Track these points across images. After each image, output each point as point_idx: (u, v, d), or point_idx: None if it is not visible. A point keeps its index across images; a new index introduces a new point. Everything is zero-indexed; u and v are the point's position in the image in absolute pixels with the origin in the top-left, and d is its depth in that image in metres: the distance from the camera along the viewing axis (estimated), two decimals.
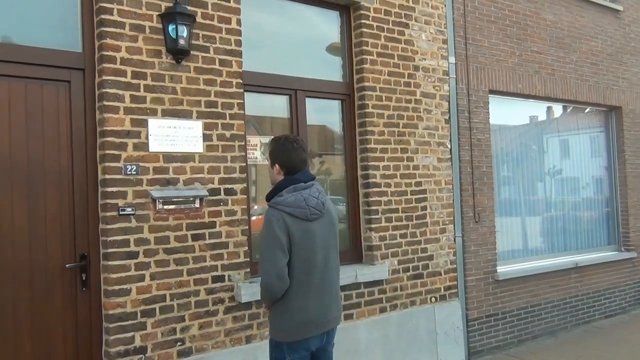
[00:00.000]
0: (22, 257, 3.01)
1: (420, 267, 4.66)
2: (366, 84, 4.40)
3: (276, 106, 4.15)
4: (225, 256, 3.55)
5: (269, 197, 2.49)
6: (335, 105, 4.49)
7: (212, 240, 3.50)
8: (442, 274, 4.80)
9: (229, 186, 3.60)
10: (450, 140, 4.93)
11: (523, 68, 5.59)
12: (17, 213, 3.01)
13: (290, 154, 2.49)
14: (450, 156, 4.91)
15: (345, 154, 4.47)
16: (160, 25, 3.39)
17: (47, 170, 3.13)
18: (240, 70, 3.70)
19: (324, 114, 4.40)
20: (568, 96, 5.98)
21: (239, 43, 3.70)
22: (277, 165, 2.51)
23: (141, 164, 3.27)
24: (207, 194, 3.47)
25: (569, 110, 6.38)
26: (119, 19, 3.26)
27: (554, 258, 5.90)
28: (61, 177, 3.17)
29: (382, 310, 4.32)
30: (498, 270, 5.24)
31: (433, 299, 4.69)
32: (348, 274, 4.02)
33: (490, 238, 5.20)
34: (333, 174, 4.43)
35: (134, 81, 3.28)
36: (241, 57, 3.71)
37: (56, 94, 3.19)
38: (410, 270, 4.55)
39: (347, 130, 4.46)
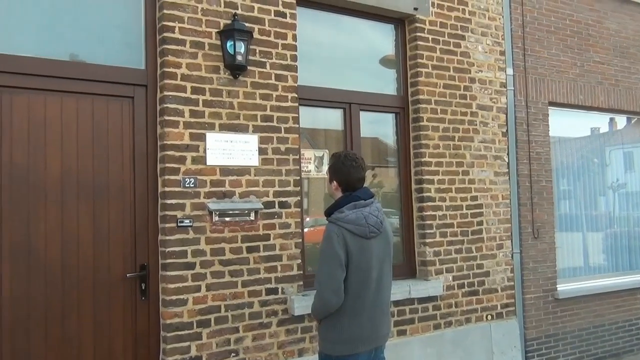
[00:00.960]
0: (86, 266, 3.02)
1: (476, 283, 4.43)
2: (421, 96, 4.26)
3: (330, 119, 4.06)
4: (279, 269, 3.48)
5: (328, 212, 2.44)
6: (389, 118, 4.36)
7: (266, 253, 3.43)
8: (499, 291, 4.55)
9: (284, 199, 3.53)
10: (508, 154, 4.68)
11: (585, 79, 5.28)
12: (82, 224, 3.04)
13: (349, 172, 2.44)
14: (507, 170, 4.66)
15: (398, 167, 4.33)
16: (218, 42, 3.37)
17: (111, 183, 3.14)
18: (296, 85, 3.64)
19: (377, 126, 4.30)
20: (634, 107, 5.60)
21: (294, 58, 3.64)
22: (335, 182, 2.48)
23: (199, 177, 3.24)
24: (262, 206, 3.41)
25: (633, 122, 5.99)
26: (180, 36, 3.26)
27: (619, 277, 5.49)
28: (124, 189, 3.17)
29: (436, 326, 4.14)
30: (558, 289, 4.94)
31: (489, 317, 4.46)
32: (401, 289, 3.89)
33: (549, 254, 4.90)
34: (385, 186, 4.32)
35: (194, 96, 3.27)
36: (296, 72, 3.65)
37: (120, 109, 3.20)
38: (466, 287, 4.34)
39: (401, 143, 4.33)
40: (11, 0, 2.89)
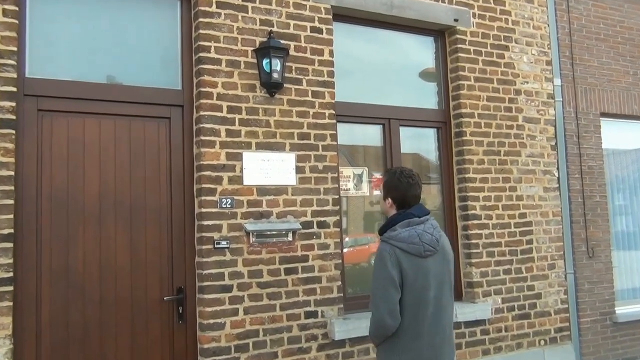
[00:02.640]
0: (124, 289, 2.96)
1: (527, 306, 4.12)
2: (463, 110, 4.06)
3: (369, 136, 3.94)
4: (318, 291, 3.35)
5: (381, 231, 2.31)
6: (430, 133, 4.18)
7: (305, 275, 3.31)
8: (552, 314, 4.23)
9: (322, 219, 3.42)
10: (558, 168, 4.40)
11: (639, 88, 4.90)
12: (120, 246, 2.98)
13: (405, 189, 2.31)
14: (558, 185, 4.37)
15: (441, 183, 4.12)
16: (254, 60, 3.31)
17: (148, 205, 3.09)
18: (333, 101, 3.54)
19: (418, 142, 4.13)
20: None
21: (331, 74, 3.54)
22: (389, 199, 2.34)
23: (236, 197, 3.17)
24: (300, 227, 3.31)
25: None
26: (216, 55, 3.21)
27: None
28: (160, 211, 3.11)
29: (485, 352, 3.88)
30: (617, 311, 4.57)
31: (542, 342, 4.15)
32: None
33: (606, 275, 4.53)
34: (428, 204, 4.08)
35: (230, 115, 3.22)
36: (334, 88, 3.54)
37: (157, 130, 3.16)
38: (516, 310, 4.05)
39: (443, 158, 4.13)
40: (51, 25, 2.90)
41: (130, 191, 3.03)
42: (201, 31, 3.16)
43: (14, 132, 2.65)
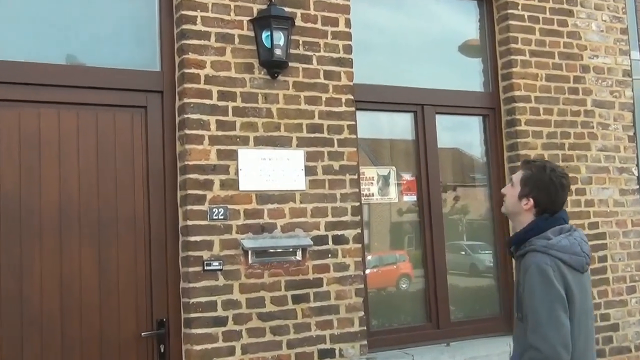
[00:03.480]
0: (91, 324, 2.88)
1: (601, 340, 3.95)
2: (517, 93, 3.95)
3: (397, 127, 3.92)
4: (335, 324, 3.28)
5: (520, 240, 2.16)
6: (474, 123, 4.11)
7: (319, 303, 3.25)
8: (633, 350, 4.08)
9: (339, 232, 3.36)
10: (638, 165, 4.27)
11: None
12: (86, 269, 2.91)
13: (557, 191, 2.16)
14: (638, 186, 4.24)
15: (489, 185, 4.03)
16: (251, 33, 3.22)
17: (121, 217, 3.01)
18: (351, 84, 3.47)
19: (458, 134, 4.10)
20: None
21: (348, 49, 3.46)
22: (531, 200, 2.17)
23: (230, 207, 3.09)
24: (312, 243, 3.25)
25: None
26: (204, 28, 3.11)
27: None
28: (136, 224, 3.03)
29: None
30: None
31: None
32: (499, 349, 3.60)
33: None
34: (471, 212, 4.10)
35: (221, 103, 3.14)
36: (352, 67, 3.46)
37: (130, 123, 3.07)
38: None
39: (491, 154, 4.03)
40: None
41: (98, 200, 2.96)
42: None
43: None
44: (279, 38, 3.15)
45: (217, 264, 3.03)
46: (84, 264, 2.91)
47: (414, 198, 3.85)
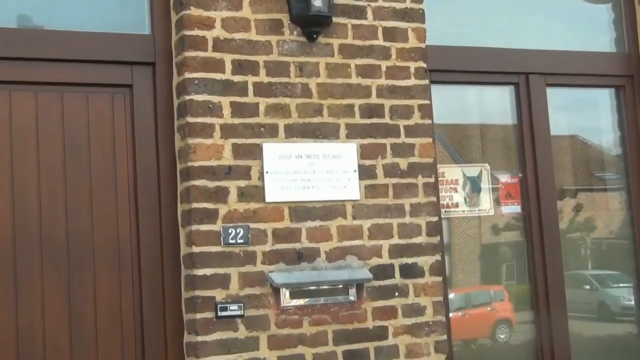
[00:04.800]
0: None
1: None
2: None
3: (490, 106, 3.94)
4: None
5: None
6: (602, 98, 4.09)
7: None
8: None
9: (410, 260, 3.28)
10: None
11: None
12: (52, 315, 2.85)
13: None
14: None
15: (627, 189, 3.96)
16: None
17: (98, 241, 2.97)
18: (423, 46, 3.39)
19: (580, 114, 4.11)
20: None
21: None
22: None
23: (253, 226, 3.02)
24: (370, 276, 3.15)
25: None
26: None
27: None
28: (120, 251, 3.00)
29: None
30: None
31: None
32: None
33: None
34: (599, 226, 4.09)
35: (238, 78, 3.06)
36: (423, 22, 3.41)
37: (110, 108, 3.04)
38: None
39: (630, 143, 3.94)
40: None
41: (67, 217, 2.91)
42: None
43: None
44: None
45: (235, 307, 2.96)
46: (47, 309, 2.85)
47: (516, 209, 3.78)
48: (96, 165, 3.03)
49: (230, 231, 3.01)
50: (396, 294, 3.25)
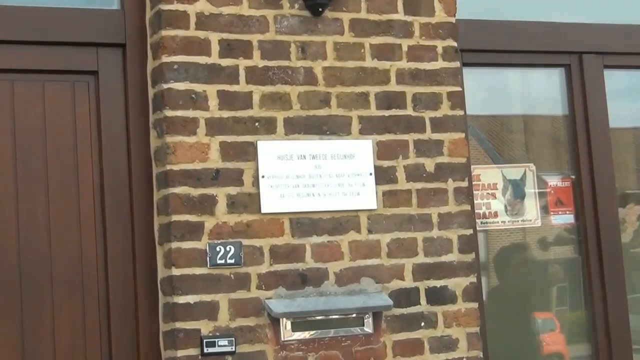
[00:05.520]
0: None
1: None
2: None
3: (535, 94, 3.99)
4: None
5: None
6: None
7: None
8: None
9: (438, 283, 3.27)
10: None
11: None
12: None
13: None
14: None
15: None
16: None
17: (56, 266, 2.96)
18: (453, 20, 3.39)
19: None
20: None
21: None
22: None
23: (245, 242, 3.00)
24: (390, 302, 3.14)
25: None
26: None
27: None
28: (84, 275, 2.98)
29: None
30: None
31: None
32: None
33: None
34: None
35: (227, 62, 3.05)
36: None
37: (70, 99, 3.03)
38: None
39: None
40: None
41: (18, 235, 2.90)
42: None
43: None
44: None
45: (225, 342, 2.95)
46: None
47: (568, 219, 3.79)
48: (54, 171, 3.01)
49: (218, 249, 2.99)
50: (422, 324, 3.22)
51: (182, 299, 2.91)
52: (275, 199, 3.08)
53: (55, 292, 2.98)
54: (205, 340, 2.92)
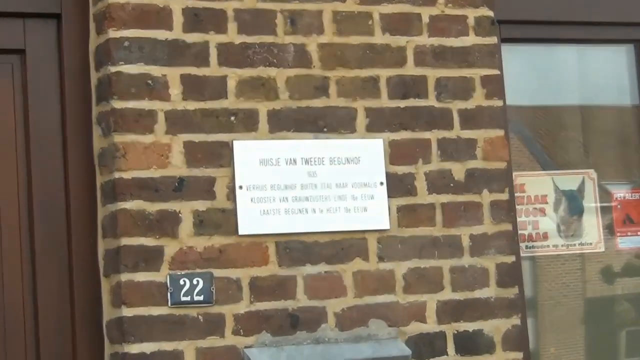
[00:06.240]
0: None
1: None
2: None
3: (594, 77, 3.99)
4: None
5: None
6: None
7: None
8: None
9: (471, 326, 3.17)
10: None
11: None
12: None
13: None
14: None
15: None
16: None
17: None
18: None
19: None
20: None
21: None
22: None
23: (218, 273, 2.90)
24: (408, 352, 3.04)
25: None
26: None
27: None
28: (7, 323, 2.88)
29: None
30: None
31: None
32: None
33: None
34: None
35: (193, 37, 2.97)
36: None
37: None
38: None
39: None
40: None
41: None
42: None
43: None
44: None
45: None
46: None
47: None
48: None
49: (182, 282, 2.85)
50: None
51: (135, 348, 2.75)
52: (257, 216, 2.94)
53: None
54: None
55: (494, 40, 3.30)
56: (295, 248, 2.94)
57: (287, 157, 2.96)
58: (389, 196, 3.04)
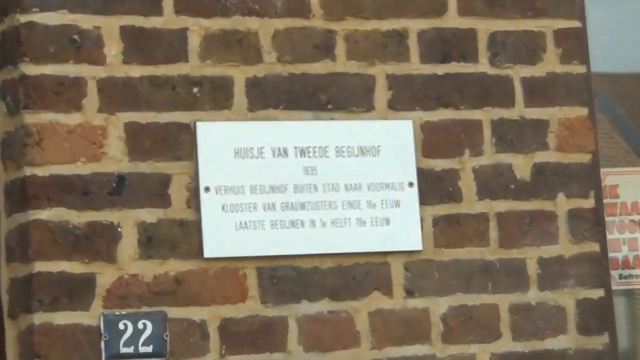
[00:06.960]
0: None
1: None
2: None
3: None
4: None
5: None
6: None
7: None
8: None
9: None
10: None
11: None
12: None
13: None
14: None
15: None
16: None
17: None
18: None
19: None
20: None
21: None
22: None
23: (174, 314, 2.71)
24: None
25: None
26: None
27: None
28: None
29: None
30: None
31: None
32: None
33: None
34: None
35: None
36: None
37: None
38: None
39: None
40: None
41: None
42: None
43: None
44: None
45: None
46: None
47: None
48: None
49: (122, 326, 2.64)
50: None
51: None
52: (231, 231, 2.70)
53: None
54: None
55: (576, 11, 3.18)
56: (286, 277, 2.71)
57: (275, 146, 2.72)
58: (421, 203, 2.80)
